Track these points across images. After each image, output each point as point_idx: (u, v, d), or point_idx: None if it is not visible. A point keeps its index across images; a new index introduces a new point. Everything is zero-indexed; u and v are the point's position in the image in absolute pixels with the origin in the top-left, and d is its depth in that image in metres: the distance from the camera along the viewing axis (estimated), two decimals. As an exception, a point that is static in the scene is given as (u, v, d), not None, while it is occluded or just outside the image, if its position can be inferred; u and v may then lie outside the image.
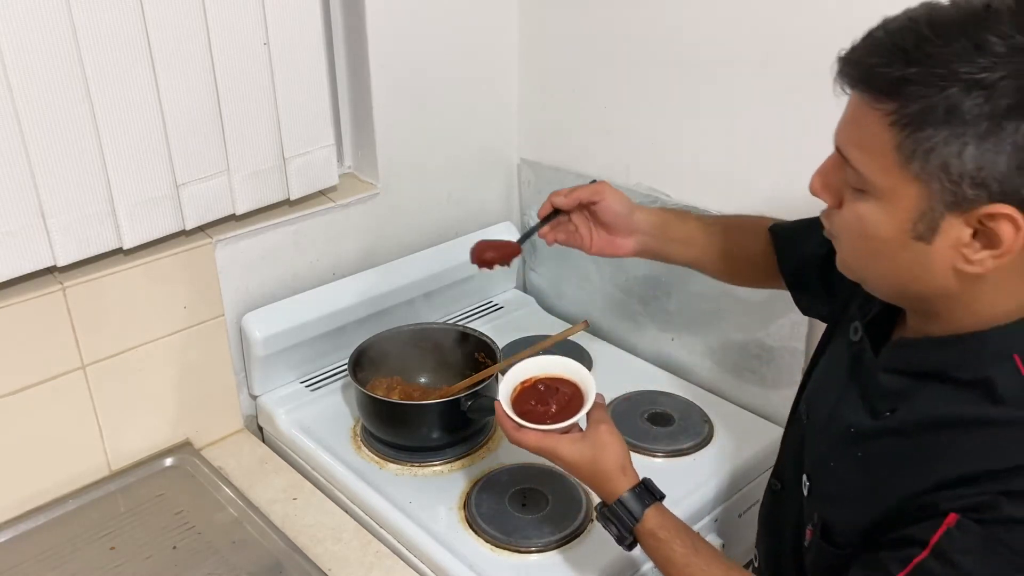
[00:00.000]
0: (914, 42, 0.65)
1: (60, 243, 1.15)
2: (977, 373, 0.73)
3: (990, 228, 0.67)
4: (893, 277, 0.76)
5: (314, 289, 1.45)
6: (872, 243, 0.74)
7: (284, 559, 1.15)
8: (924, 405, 0.76)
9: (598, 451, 0.95)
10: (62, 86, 1.09)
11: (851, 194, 0.74)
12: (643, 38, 1.42)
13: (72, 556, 1.16)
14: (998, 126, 0.63)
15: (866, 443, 0.81)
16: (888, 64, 0.66)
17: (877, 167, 0.70)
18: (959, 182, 0.66)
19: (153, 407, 1.32)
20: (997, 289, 0.72)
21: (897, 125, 0.67)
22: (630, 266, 1.57)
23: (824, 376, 0.94)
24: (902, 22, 0.68)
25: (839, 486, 0.84)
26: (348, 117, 1.51)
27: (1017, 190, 0.65)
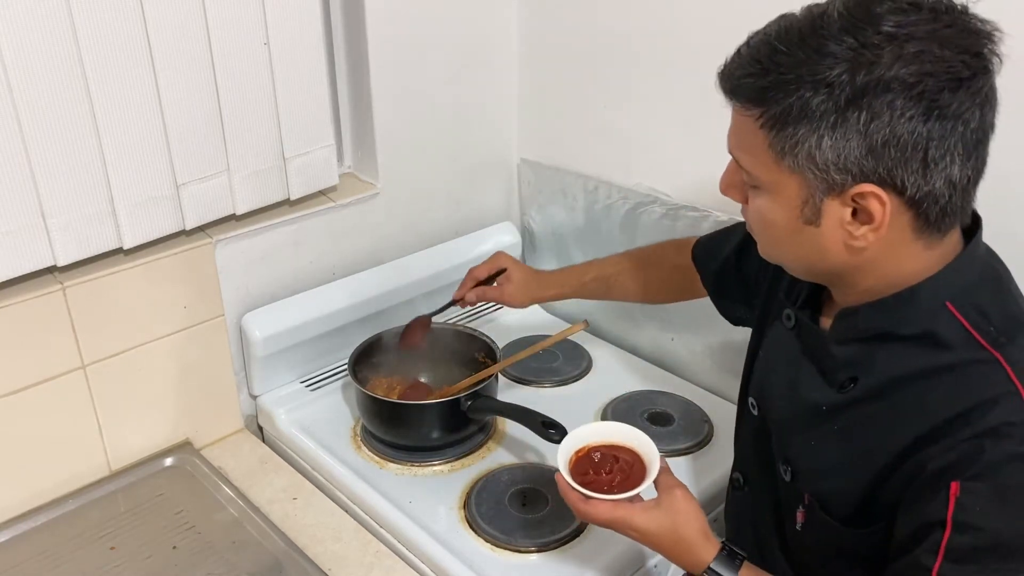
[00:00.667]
0: (768, 54, 0.75)
1: (60, 243, 1.15)
2: (919, 327, 0.79)
3: (863, 206, 0.76)
4: (800, 258, 0.84)
5: (314, 289, 1.45)
6: (773, 231, 0.83)
7: (284, 559, 1.15)
8: (882, 367, 0.81)
9: (678, 518, 0.90)
10: (62, 86, 1.09)
11: (750, 191, 0.83)
12: (643, 38, 1.42)
13: (72, 556, 1.16)
14: (843, 117, 0.72)
15: (840, 416, 0.85)
16: (750, 75, 0.76)
17: (759, 165, 0.79)
18: (826, 169, 0.74)
19: (153, 407, 1.32)
20: (892, 256, 0.79)
21: (765, 127, 0.76)
22: (630, 266, 1.57)
23: (768, 367, 0.97)
24: (760, 37, 0.77)
25: (825, 462, 0.86)
26: (348, 117, 1.51)
27: (874, 170, 0.73)
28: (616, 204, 1.54)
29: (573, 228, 1.65)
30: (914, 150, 0.72)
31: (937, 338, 0.78)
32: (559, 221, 1.67)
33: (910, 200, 0.75)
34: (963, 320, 0.78)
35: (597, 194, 1.57)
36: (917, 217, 0.76)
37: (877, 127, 0.71)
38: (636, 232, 1.52)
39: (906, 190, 0.74)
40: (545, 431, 1.19)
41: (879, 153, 0.72)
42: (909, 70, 0.70)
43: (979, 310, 0.78)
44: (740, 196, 0.86)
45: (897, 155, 0.72)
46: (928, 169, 0.73)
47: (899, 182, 0.73)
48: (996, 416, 0.73)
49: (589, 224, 1.61)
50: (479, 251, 1.64)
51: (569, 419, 1.25)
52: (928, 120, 0.71)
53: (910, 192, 0.74)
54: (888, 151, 0.72)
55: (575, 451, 0.99)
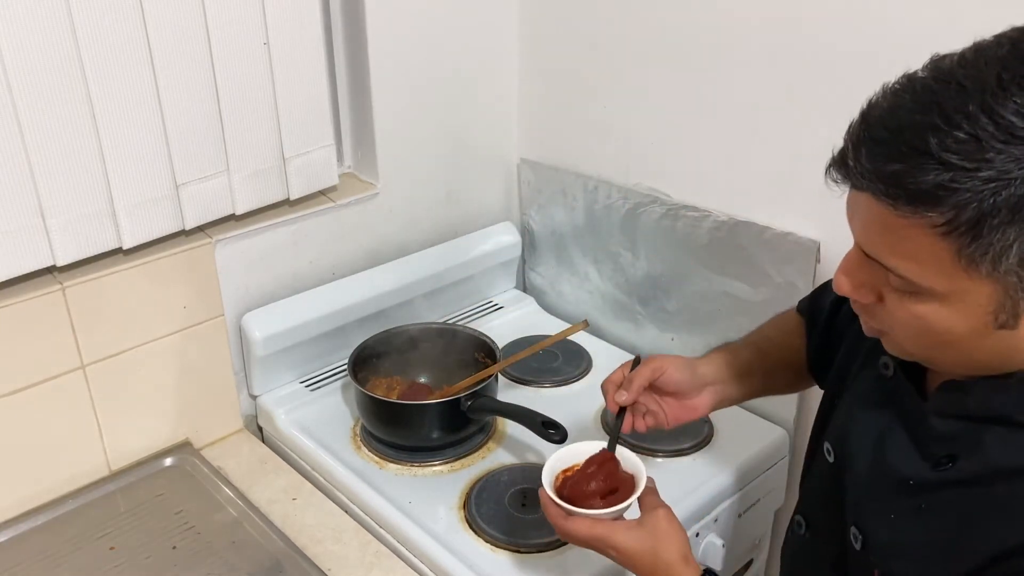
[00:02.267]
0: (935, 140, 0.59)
1: (60, 243, 1.15)
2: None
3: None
4: (971, 361, 0.71)
5: (314, 289, 1.45)
6: (943, 337, 0.69)
7: (284, 559, 1.15)
8: (990, 453, 0.71)
9: (659, 540, 0.87)
10: (62, 86, 1.09)
11: (898, 294, 0.69)
12: (643, 38, 1.42)
13: (72, 556, 1.16)
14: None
15: (928, 495, 0.76)
16: (916, 171, 0.60)
17: (933, 275, 0.65)
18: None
19: (153, 407, 1.32)
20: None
21: (952, 235, 0.61)
22: (629, 266, 1.57)
23: (854, 414, 0.87)
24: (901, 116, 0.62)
25: (903, 540, 0.78)
26: (348, 117, 1.51)
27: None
28: (616, 204, 1.54)
29: (573, 228, 1.65)
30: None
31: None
32: (559, 221, 1.67)
33: None
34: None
35: (597, 194, 1.57)
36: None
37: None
38: (636, 232, 1.52)
39: None
40: (545, 431, 1.19)
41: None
42: None
43: None
44: (872, 296, 0.72)
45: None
46: None
47: None
48: None
49: (589, 224, 1.61)
50: (479, 251, 1.64)
51: (569, 419, 1.25)
52: None
53: None
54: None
55: (563, 469, 0.98)
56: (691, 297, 1.49)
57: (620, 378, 1.04)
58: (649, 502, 0.91)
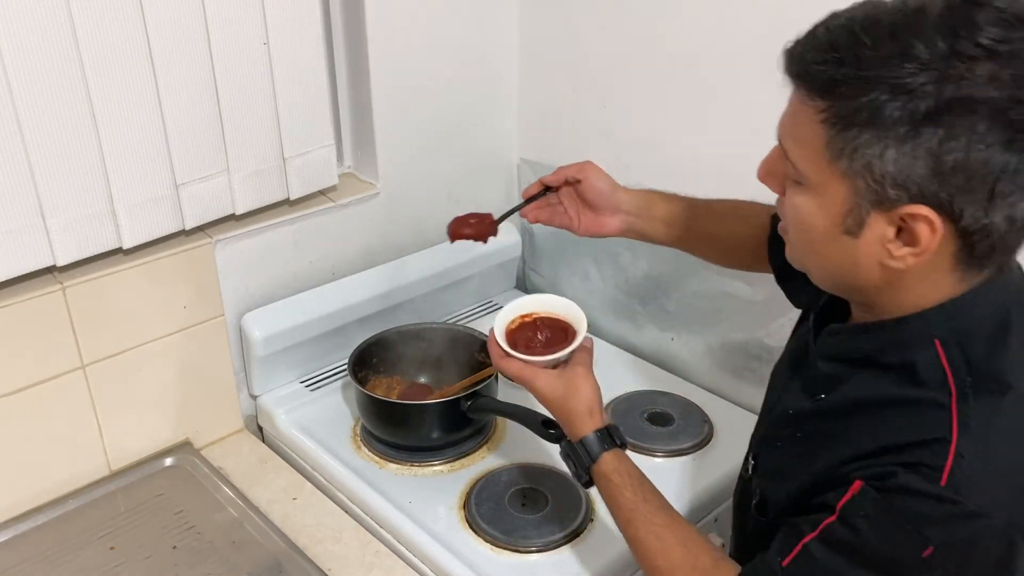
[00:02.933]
0: (848, 44, 0.68)
1: (60, 242, 1.15)
2: (901, 357, 0.77)
3: (910, 227, 0.71)
4: (828, 268, 0.80)
5: (314, 289, 1.45)
6: (808, 234, 0.78)
7: (284, 559, 1.15)
8: (852, 388, 0.81)
9: (570, 390, 0.99)
10: (62, 86, 1.09)
11: (791, 185, 0.78)
12: (643, 38, 1.42)
13: (72, 556, 1.16)
14: (916, 131, 0.66)
15: (802, 424, 0.86)
16: (823, 63, 0.69)
17: (809, 161, 0.74)
18: (881, 182, 0.69)
19: (153, 407, 1.32)
20: (922, 282, 0.76)
21: (827, 123, 0.70)
22: (630, 266, 1.57)
23: (780, 364, 0.99)
24: (842, 21, 0.70)
25: (780, 464, 0.88)
26: (348, 117, 1.51)
27: (935, 193, 0.68)
28: (616, 204, 1.54)
29: (573, 228, 1.65)
30: (983, 179, 0.66)
31: (915, 373, 0.76)
32: (559, 221, 1.67)
33: (963, 231, 0.70)
34: (945, 362, 0.75)
35: (597, 194, 1.57)
36: (963, 248, 0.72)
37: (951, 148, 0.66)
38: (636, 232, 1.52)
39: (962, 219, 0.69)
40: (545, 431, 1.19)
41: (946, 176, 0.67)
42: (1002, 93, 0.64)
43: (966, 358, 0.75)
44: (778, 186, 0.81)
45: (964, 182, 0.67)
46: (993, 202, 0.68)
47: (957, 210, 0.68)
48: (920, 455, 0.73)
49: (589, 224, 1.61)
50: (479, 251, 1.63)
51: (569, 419, 1.25)
52: (1007, 150, 0.65)
53: (966, 222, 0.69)
54: (956, 176, 0.67)
55: (520, 315, 1.08)
56: (691, 297, 1.49)
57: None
58: (577, 358, 1.01)
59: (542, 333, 1.07)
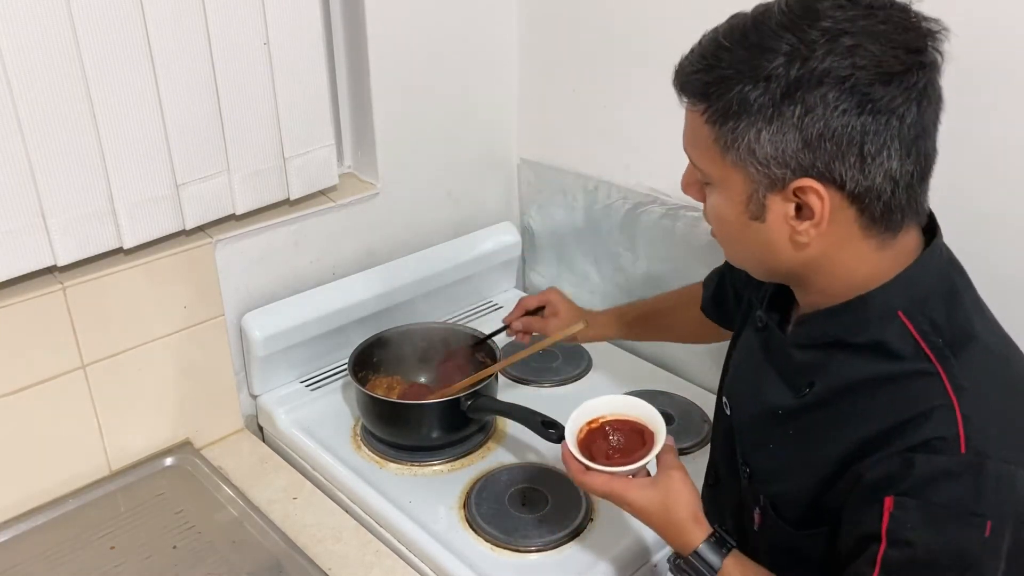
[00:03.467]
0: (713, 51, 0.77)
1: (60, 242, 1.15)
2: (870, 336, 0.79)
3: (804, 201, 0.76)
4: (754, 257, 0.84)
5: (314, 289, 1.45)
6: (725, 228, 0.83)
7: (284, 559, 1.15)
8: (835, 373, 0.82)
9: (671, 498, 0.91)
10: (62, 86, 1.09)
11: (706, 189, 0.84)
12: (643, 38, 1.42)
13: (72, 556, 1.16)
14: (778, 111, 0.73)
15: (794, 420, 0.85)
16: (697, 72, 0.77)
17: (707, 161, 0.80)
18: (766, 164, 0.75)
19: (153, 407, 1.32)
20: (841, 254, 0.79)
21: (710, 122, 0.77)
22: (630, 266, 1.57)
23: (739, 368, 0.98)
24: (710, 35, 0.79)
25: (779, 465, 0.88)
26: (348, 117, 1.51)
27: (812, 164, 0.74)
28: (616, 204, 1.54)
29: (573, 228, 1.65)
30: (849, 144, 0.73)
31: (887, 348, 0.78)
32: (559, 221, 1.67)
33: (851, 195, 0.75)
34: (914, 331, 0.77)
35: (597, 194, 1.57)
36: (861, 213, 0.76)
37: (812, 120, 0.72)
38: (636, 232, 1.52)
39: (845, 184, 0.74)
40: (545, 431, 1.19)
41: (815, 147, 0.73)
42: (842, 63, 0.71)
43: (931, 321, 0.78)
44: (698, 194, 0.86)
45: (833, 148, 0.73)
46: (865, 163, 0.73)
47: (837, 176, 0.74)
48: (929, 429, 0.73)
49: (589, 224, 1.61)
50: (479, 251, 1.64)
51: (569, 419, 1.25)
52: (861, 114, 0.72)
53: (849, 187, 0.74)
54: (823, 144, 0.73)
55: (588, 422, 0.99)
56: (691, 297, 1.49)
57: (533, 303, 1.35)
58: (666, 461, 0.94)
59: (615, 437, 0.98)
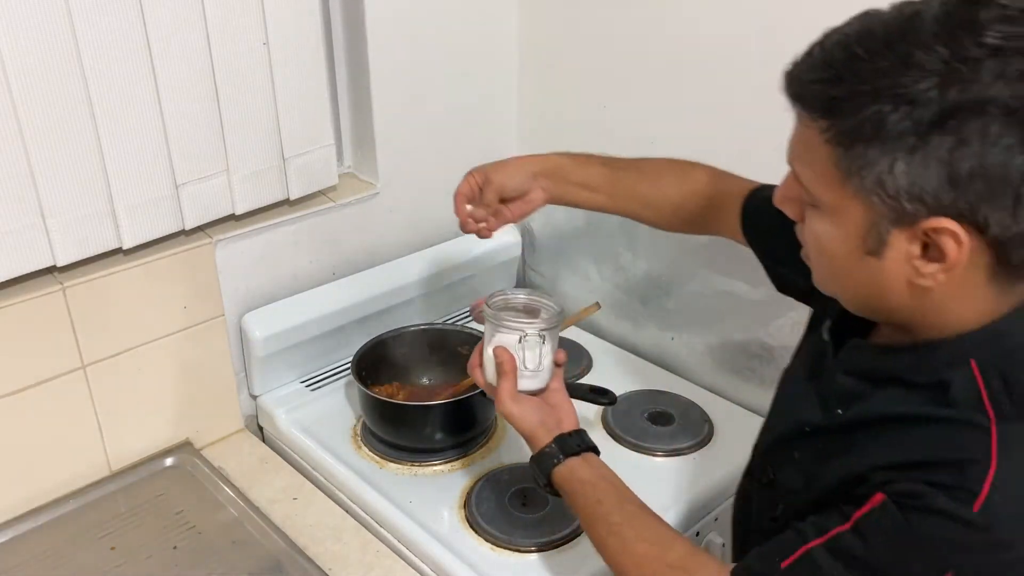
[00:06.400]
0: (844, 59, 0.66)
1: (60, 243, 1.15)
2: (933, 376, 0.73)
3: (936, 242, 0.67)
4: (856, 292, 0.77)
5: (314, 289, 1.45)
6: (831, 260, 0.75)
7: (284, 559, 1.15)
8: (876, 405, 0.78)
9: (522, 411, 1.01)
10: (62, 86, 1.09)
11: (808, 210, 0.75)
12: (643, 38, 1.42)
13: (72, 556, 1.16)
14: (924, 141, 0.63)
15: (819, 438, 0.83)
16: (821, 82, 0.67)
17: (821, 184, 0.71)
18: (897, 197, 0.66)
19: (153, 407, 1.32)
20: (959, 299, 0.72)
21: (833, 143, 0.68)
22: (630, 266, 1.57)
23: (793, 373, 0.95)
24: (837, 38, 0.68)
25: (800, 478, 0.85)
26: (348, 117, 1.51)
27: (954, 203, 0.65)
28: (616, 204, 1.54)
29: (573, 228, 1.65)
30: (1006, 185, 0.63)
31: (948, 391, 0.72)
32: (559, 221, 1.67)
33: (993, 241, 0.66)
34: (981, 384, 0.71)
35: (597, 194, 1.57)
36: (998, 260, 0.68)
37: (964, 155, 0.62)
38: (636, 232, 1.52)
39: (989, 229, 0.65)
40: (596, 398, 1.23)
41: (963, 185, 0.63)
42: (1013, 90, 0.61)
43: (1005, 379, 0.71)
44: (797, 212, 0.78)
45: (984, 189, 0.63)
46: (1020, 207, 0.64)
47: (982, 219, 0.65)
48: (953, 476, 0.69)
49: (589, 224, 1.61)
50: (479, 251, 1.64)
51: (569, 419, 1.25)
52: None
53: (993, 231, 0.65)
54: (974, 184, 0.63)
55: None
56: (691, 297, 1.49)
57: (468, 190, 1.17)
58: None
59: None
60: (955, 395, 0.72)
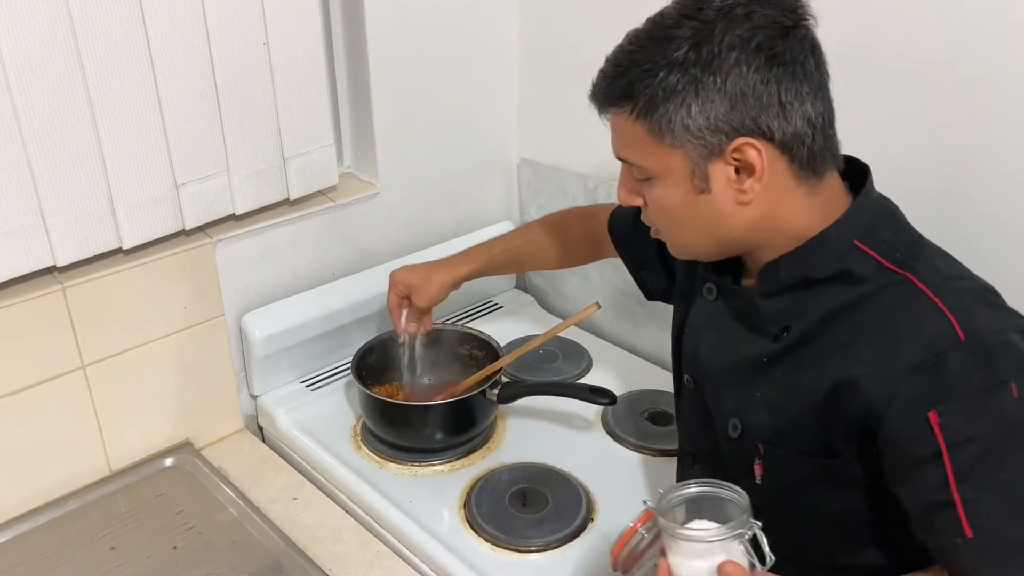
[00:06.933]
0: (625, 57, 0.84)
1: (60, 243, 1.15)
2: (835, 267, 0.85)
3: (743, 160, 0.82)
4: (704, 234, 0.89)
5: (314, 289, 1.45)
6: (674, 214, 0.88)
7: (284, 559, 1.15)
8: (809, 311, 0.87)
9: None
10: (62, 87, 1.09)
11: (645, 188, 0.89)
12: (643, 38, 1.42)
13: (72, 556, 1.16)
14: (701, 84, 0.80)
15: (780, 363, 0.89)
16: (614, 78, 0.85)
17: (645, 155, 0.86)
18: (701, 135, 0.82)
19: (153, 407, 1.32)
20: (783, 207, 0.85)
21: (641, 117, 0.83)
22: (630, 266, 1.57)
23: (697, 339, 1.01)
24: (615, 50, 0.86)
25: (772, 407, 0.90)
26: (348, 117, 1.51)
27: (742, 122, 0.81)
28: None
29: (573, 228, 1.65)
30: (768, 96, 0.80)
31: (852, 274, 0.84)
32: (559, 221, 1.67)
33: (780, 144, 0.82)
34: (872, 253, 0.84)
35: (597, 194, 1.57)
36: (792, 162, 0.83)
37: (732, 83, 0.80)
38: (636, 232, 1.52)
39: (774, 135, 0.81)
40: (595, 398, 1.23)
41: (740, 106, 0.80)
42: (742, 29, 0.79)
43: (884, 241, 0.85)
44: (638, 198, 0.91)
45: (755, 103, 0.80)
46: (786, 111, 0.81)
47: (765, 128, 0.81)
48: (929, 331, 0.78)
49: (589, 224, 1.61)
50: (479, 251, 1.64)
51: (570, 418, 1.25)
52: (772, 67, 0.80)
53: (778, 136, 0.81)
54: (747, 102, 0.80)
55: None
56: (691, 297, 1.49)
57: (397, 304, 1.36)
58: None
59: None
60: (861, 273, 0.84)
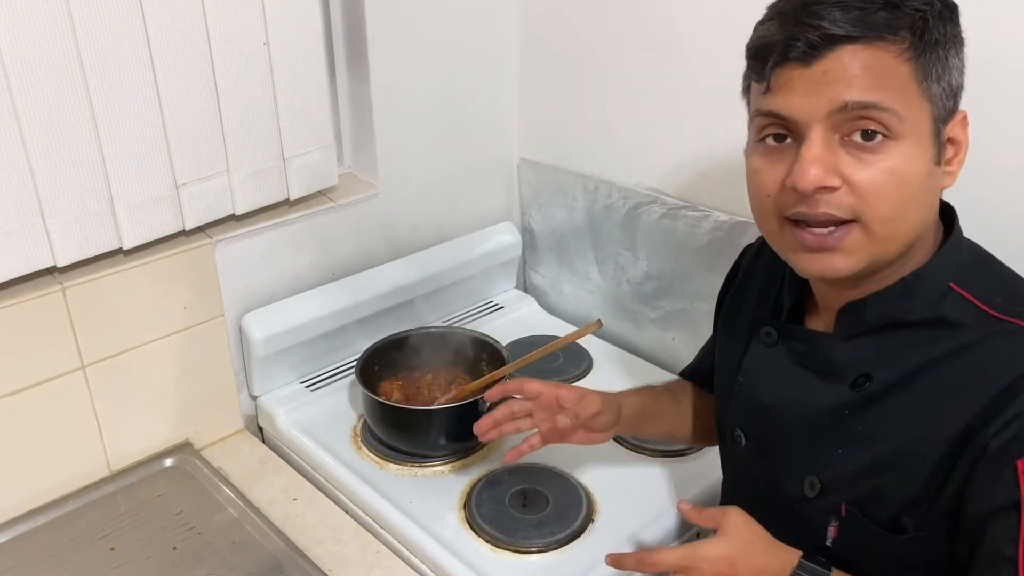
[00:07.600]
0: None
1: (60, 243, 1.15)
2: (927, 313, 0.78)
3: (956, 133, 0.74)
4: (918, 221, 0.76)
5: (314, 289, 1.45)
6: (912, 188, 0.73)
7: (284, 559, 1.15)
8: (895, 358, 0.79)
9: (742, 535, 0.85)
10: (62, 86, 1.09)
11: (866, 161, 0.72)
12: (644, 38, 1.42)
13: (72, 556, 1.16)
14: (957, 36, 0.72)
15: (862, 415, 0.81)
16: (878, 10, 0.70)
17: (903, 101, 0.71)
18: (952, 95, 0.73)
19: (153, 407, 1.32)
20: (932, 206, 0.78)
21: (913, 57, 0.70)
22: (630, 266, 1.57)
23: (755, 390, 0.92)
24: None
25: (857, 466, 0.81)
26: (348, 117, 1.51)
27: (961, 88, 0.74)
28: (616, 204, 1.54)
29: (573, 228, 1.65)
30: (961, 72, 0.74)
31: (947, 320, 0.76)
32: (559, 221, 1.67)
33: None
34: (970, 297, 0.76)
35: (597, 194, 1.57)
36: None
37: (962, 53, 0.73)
38: (636, 232, 1.52)
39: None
40: None
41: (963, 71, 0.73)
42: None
43: (981, 286, 0.77)
44: (835, 177, 0.73)
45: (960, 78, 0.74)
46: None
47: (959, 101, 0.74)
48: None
49: (589, 224, 1.61)
50: (479, 251, 1.64)
51: (569, 419, 1.25)
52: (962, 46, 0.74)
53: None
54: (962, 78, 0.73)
55: None
56: (691, 297, 1.49)
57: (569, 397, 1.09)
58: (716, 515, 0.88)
59: None
60: (958, 318, 0.76)
